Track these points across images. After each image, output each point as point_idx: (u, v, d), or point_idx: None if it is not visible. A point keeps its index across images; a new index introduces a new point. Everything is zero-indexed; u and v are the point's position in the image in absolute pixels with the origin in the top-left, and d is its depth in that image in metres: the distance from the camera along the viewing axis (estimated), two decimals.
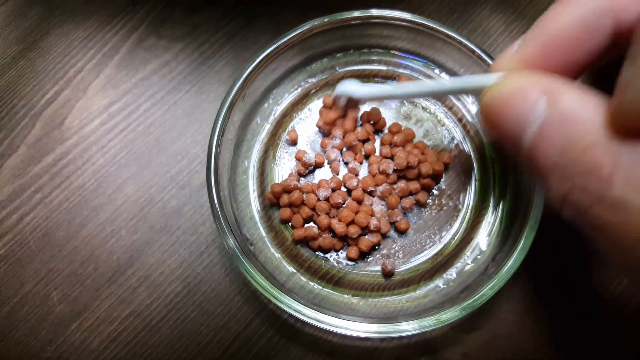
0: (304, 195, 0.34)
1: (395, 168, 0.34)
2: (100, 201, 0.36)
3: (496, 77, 0.20)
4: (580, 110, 0.17)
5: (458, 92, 0.30)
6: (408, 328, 0.28)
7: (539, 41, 0.19)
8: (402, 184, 0.34)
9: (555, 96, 0.17)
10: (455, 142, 0.37)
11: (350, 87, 0.31)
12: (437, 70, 0.38)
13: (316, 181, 0.35)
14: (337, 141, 0.36)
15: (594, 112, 0.16)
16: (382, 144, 0.36)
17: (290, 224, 0.35)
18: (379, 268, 0.33)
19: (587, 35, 0.19)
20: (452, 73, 0.37)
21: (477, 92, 0.23)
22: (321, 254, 0.34)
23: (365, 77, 0.38)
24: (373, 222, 0.33)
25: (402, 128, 0.36)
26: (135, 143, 0.38)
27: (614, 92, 0.16)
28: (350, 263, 0.34)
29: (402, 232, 0.34)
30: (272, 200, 0.35)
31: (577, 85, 0.17)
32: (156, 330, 0.33)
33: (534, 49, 0.19)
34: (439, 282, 0.33)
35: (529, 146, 0.18)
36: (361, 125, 0.37)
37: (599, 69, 0.21)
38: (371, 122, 0.37)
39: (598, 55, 0.19)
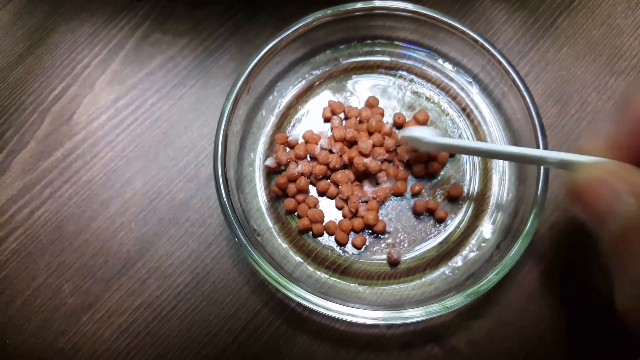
0: (309, 179, 0.34)
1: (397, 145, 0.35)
2: (109, 195, 0.37)
3: (588, 160, 0.19)
4: None
5: (538, 163, 0.30)
6: (414, 314, 0.29)
7: (626, 123, 0.19)
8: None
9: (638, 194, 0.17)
10: (459, 131, 0.37)
11: (420, 133, 0.31)
12: (440, 60, 0.38)
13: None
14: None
15: None
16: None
17: (296, 213, 0.35)
18: (384, 257, 0.34)
19: None
20: (455, 63, 0.38)
21: (559, 166, 0.24)
22: (327, 244, 0.34)
23: (368, 67, 0.39)
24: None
25: (407, 120, 0.36)
26: (142, 137, 0.38)
27: None
28: (356, 252, 0.34)
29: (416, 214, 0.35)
30: (277, 193, 0.35)
31: None
32: (166, 320, 0.34)
33: (621, 136, 0.19)
34: (444, 270, 0.33)
35: (613, 234, 0.18)
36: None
37: None
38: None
39: None
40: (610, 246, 0.18)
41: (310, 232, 0.35)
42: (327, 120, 0.37)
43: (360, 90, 0.38)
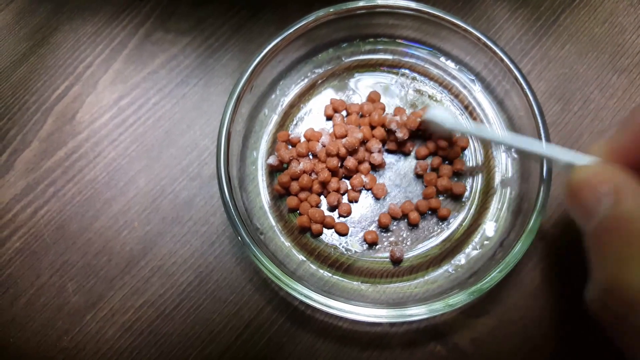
0: (312, 176, 0.34)
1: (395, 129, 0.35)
2: (112, 194, 0.37)
3: (586, 160, 0.21)
4: (638, 219, 0.17)
5: (546, 158, 0.30)
6: (417, 312, 0.29)
7: (629, 133, 0.19)
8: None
9: (620, 197, 0.18)
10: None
11: (441, 115, 0.32)
12: (442, 58, 0.38)
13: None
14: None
15: None
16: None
17: (298, 212, 0.35)
18: (387, 255, 0.34)
19: None
20: (457, 61, 0.38)
21: (561, 163, 0.25)
22: (330, 242, 0.34)
23: (371, 66, 0.39)
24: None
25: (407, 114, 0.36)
26: (145, 136, 0.38)
27: None
28: (359, 250, 0.34)
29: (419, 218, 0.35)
30: (280, 192, 0.35)
31: None
32: (170, 319, 0.34)
33: (624, 141, 0.20)
34: (447, 268, 0.33)
35: (590, 233, 0.19)
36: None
37: None
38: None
39: None
40: (587, 244, 0.19)
41: (310, 232, 0.35)
42: (329, 118, 0.37)
43: (363, 88, 0.38)
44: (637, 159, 0.19)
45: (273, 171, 0.36)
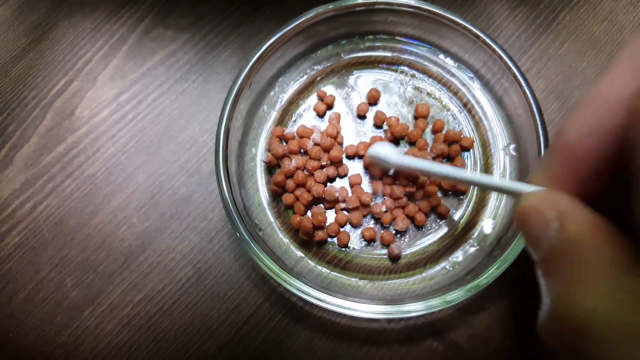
0: (306, 173, 0.34)
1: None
2: (111, 189, 0.37)
3: (531, 189, 0.21)
4: (585, 242, 0.17)
5: (494, 190, 0.32)
6: (415, 309, 0.29)
7: (559, 156, 0.19)
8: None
9: (565, 221, 0.17)
10: (460, 127, 0.37)
11: (384, 152, 0.31)
12: (441, 56, 0.38)
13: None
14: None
15: (596, 247, 0.16)
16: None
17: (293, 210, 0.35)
18: (385, 251, 0.34)
19: (606, 146, 0.18)
20: (456, 58, 0.38)
21: (508, 194, 0.26)
22: (328, 239, 0.34)
23: (370, 63, 0.39)
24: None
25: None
26: (144, 132, 0.38)
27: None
28: (357, 247, 0.34)
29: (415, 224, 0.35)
30: (277, 191, 0.35)
31: (592, 214, 0.17)
32: (168, 314, 0.34)
33: (555, 163, 0.19)
34: (445, 265, 0.33)
35: (539, 259, 0.19)
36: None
37: None
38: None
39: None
40: (538, 272, 0.19)
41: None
42: (320, 115, 0.37)
43: (362, 85, 0.38)
44: (574, 184, 0.19)
45: (271, 168, 0.36)
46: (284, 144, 0.36)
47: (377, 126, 0.37)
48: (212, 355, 0.33)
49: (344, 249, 0.34)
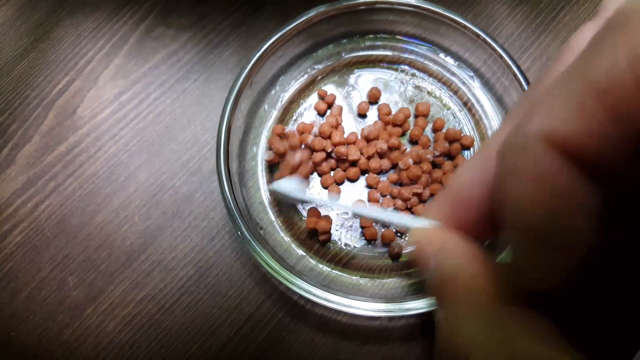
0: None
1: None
2: (113, 188, 0.37)
3: (419, 223, 0.21)
4: (460, 274, 0.17)
5: (393, 224, 0.34)
6: (416, 306, 0.29)
7: (447, 197, 0.20)
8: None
9: (442, 257, 0.18)
10: (461, 126, 0.37)
11: (287, 186, 0.32)
12: (442, 55, 0.38)
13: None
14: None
15: (471, 278, 0.17)
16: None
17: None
18: (386, 250, 0.34)
19: (486, 194, 0.18)
20: (456, 57, 0.38)
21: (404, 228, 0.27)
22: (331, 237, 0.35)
23: (371, 62, 0.39)
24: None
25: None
26: (146, 131, 0.39)
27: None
28: (358, 245, 0.34)
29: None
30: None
31: (469, 248, 0.18)
32: (170, 313, 0.34)
33: (444, 206, 0.20)
34: None
35: (430, 292, 0.19)
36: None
37: None
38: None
39: None
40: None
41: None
42: (321, 113, 0.37)
43: (363, 84, 0.38)
44: (461, 225, 0.19)
45: (272, 166, 0.36)
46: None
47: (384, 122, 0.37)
48: (214, 354, 0.33)
49: (344, 247, 0.34)
